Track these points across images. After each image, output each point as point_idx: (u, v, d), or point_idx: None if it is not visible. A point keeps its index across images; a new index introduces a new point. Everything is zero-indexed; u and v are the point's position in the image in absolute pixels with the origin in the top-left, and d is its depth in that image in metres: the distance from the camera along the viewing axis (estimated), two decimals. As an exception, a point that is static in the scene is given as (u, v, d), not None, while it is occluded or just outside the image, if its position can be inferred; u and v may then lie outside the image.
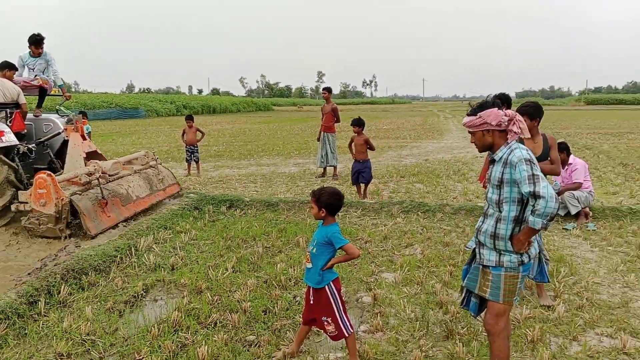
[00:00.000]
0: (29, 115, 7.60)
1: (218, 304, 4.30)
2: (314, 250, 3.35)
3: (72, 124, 7.48)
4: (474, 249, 3.11)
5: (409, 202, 7.63)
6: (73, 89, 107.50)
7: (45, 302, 4.18)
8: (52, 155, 7.67)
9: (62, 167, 7.52)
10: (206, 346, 3.46)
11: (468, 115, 3.04)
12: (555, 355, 3.45)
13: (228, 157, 15.08)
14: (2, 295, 4.10)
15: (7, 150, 6.61)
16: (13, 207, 6.16)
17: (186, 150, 11.87)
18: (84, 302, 4.33)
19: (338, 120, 11.24)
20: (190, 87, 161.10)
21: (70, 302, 4.34)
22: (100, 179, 6.38)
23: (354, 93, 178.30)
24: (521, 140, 3.84)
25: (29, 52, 7.90)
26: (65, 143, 7.51)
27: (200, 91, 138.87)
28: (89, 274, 4.83)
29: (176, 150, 16.79)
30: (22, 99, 7.18)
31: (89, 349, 3.54)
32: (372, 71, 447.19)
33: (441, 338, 3.74)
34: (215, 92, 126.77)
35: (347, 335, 3.31)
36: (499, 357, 2.99)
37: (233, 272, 5.04)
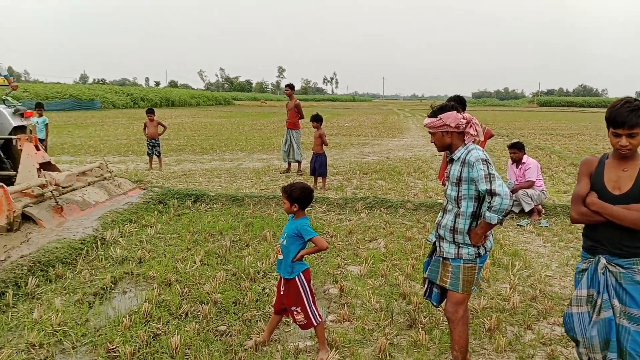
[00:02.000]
0: None
1: (188, 295, 4.37)
2: (285, 242, 3.48)
3: (20, 114, 7.49)
4: (435, 242, 3.31)
5: (372, 198, 7.86)
6: (23, 78, 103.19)
7: (13, 294, 4.15)
8: (1, 155, 7.59)
9: (13, 168, 7.44)
10: (178, 336, 3.54)
11: (429, 117, 3.22)
12: (511, 343, 3.70)
13: (190, 152, 14.96)
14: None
15: None
16: None
17: (147, 144, 11.71)
18: (52, 293, 4.31)
19: (302, 117, 11.36)
20: (147, 79, 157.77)
21: (38, 293, 4.31)
22: (53, 192, 6.27)
23: (315, 89, 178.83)
24: None
25: None
26: (11, 140, 7.46)
27: (157, 83, 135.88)
28: (56, 266, 4.79)
29: (136, 143, 16.51)
30: None
31: (61, 339, 3.55)
32: (332, 68, 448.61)
33: (405, 327, 3.94)
34: (173, 84, 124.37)
35: (315, 324, 3.45)
36: (459, 343, 3.21)
37: (201, 265, 5.11)
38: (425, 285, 3.45)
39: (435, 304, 3.44)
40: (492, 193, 2.91)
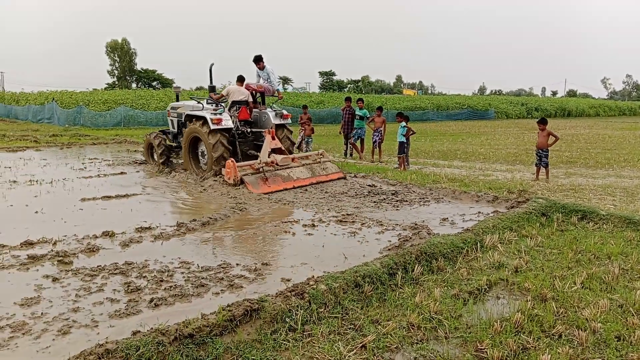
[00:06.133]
0: (256, 110, 11.74)
1: (563, 316, 4.09)
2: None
3: (280, 115, 11.38)
4: None
5: None
6: (429, 92, 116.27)
7: (401, 276, 4.83)
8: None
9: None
10: (549, 355, 3.37)
11: None
12: None
13: (582, 165, 13.82)
14: (370, 262, 4.93)
15: (227, 131, 10.58)
16: (221, 172, 10.02)
17: (536, 154, 11.46)
18: (433, 283, 4.80)
19: None
20: (543, 89, 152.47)
21: (421, 280, 4.87)
22: (263, 167, 9.68)
23: None
24: None
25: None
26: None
27: (554, 93, 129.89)
28: (439, 259, 5.30)
29: (525, 153, 16.37)
30: (250, 99, 11.55)
31: (436, 327, 3.91)
32: None
33: None
34: (571, 94, 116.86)
35: None
36: None
37: (582, 287, 4.69)
38: None
39: None
40: None
